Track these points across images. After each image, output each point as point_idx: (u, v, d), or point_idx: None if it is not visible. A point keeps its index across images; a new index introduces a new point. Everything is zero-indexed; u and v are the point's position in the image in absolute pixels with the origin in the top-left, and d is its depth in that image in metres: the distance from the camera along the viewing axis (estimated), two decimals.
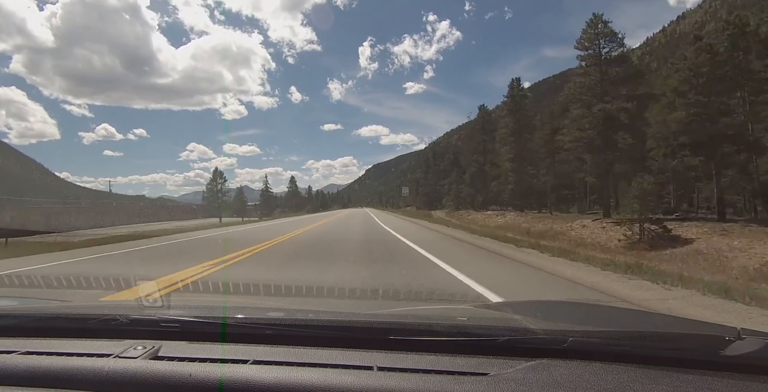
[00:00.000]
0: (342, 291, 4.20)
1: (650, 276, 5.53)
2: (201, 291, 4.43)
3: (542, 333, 1.09)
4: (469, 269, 6.35)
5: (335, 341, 1.14)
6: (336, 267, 6.81)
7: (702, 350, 1.04)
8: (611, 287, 5.17)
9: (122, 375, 0.98)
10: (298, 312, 1.53)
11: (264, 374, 0.96)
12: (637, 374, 0.93)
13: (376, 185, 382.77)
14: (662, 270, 6.06)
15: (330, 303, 3.48)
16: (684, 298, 4.47)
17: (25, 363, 1.05)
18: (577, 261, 7.20)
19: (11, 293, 5.01)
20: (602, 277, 5.81)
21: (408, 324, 1.21)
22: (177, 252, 10.26)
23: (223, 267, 6.94)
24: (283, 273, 6.35)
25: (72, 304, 1.87)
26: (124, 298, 3.31)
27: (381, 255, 8.91)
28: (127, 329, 1.24)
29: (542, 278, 6.05)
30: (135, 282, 1.47)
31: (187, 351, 1.09)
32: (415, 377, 0.94)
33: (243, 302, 2.66)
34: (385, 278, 5.79)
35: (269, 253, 9.25)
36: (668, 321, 1.52)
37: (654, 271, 5.88)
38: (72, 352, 1.11)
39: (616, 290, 5.00)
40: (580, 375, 0.93)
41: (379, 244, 11.19)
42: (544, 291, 5.15)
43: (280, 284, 4.33)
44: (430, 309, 2.08)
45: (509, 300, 4.27)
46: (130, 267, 7.78)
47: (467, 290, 4.90)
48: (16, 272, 6.53)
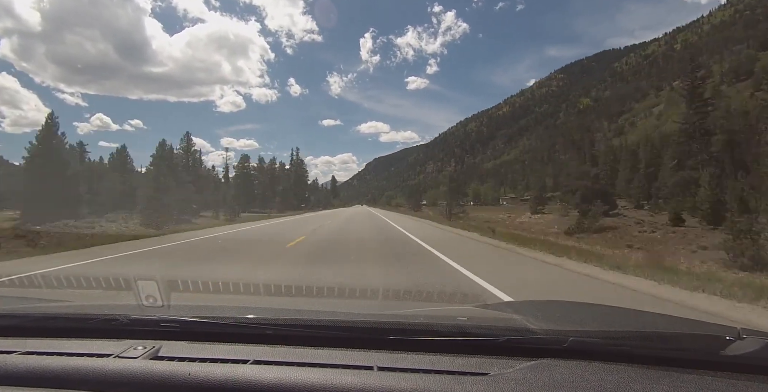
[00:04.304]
0: (342, 291, 4.21)
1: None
2: (201, 290, 4.44)
3: (542, 333, 1.10)
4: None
5: (335, 341, 1.14)
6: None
7: (702, 350, 1.04)
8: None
9: (122, 375, 0.98)
10: (299, 313, 1.53)
11: (264, 374, 0.96)
12: (637, 374, 0.93)
13: (378, 180, 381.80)
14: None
15: (330, 303, 3.48)
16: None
17: (25, 363, 1.05)
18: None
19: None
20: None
21: (408, 324, 1.21)
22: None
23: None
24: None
25: (72, 304, 1.86)
26: (124, 299, 3.31)
27: None
28: (127, 329, 1.23)
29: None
30: (135, 282, 1.46)
31: (188, 351, 1.09)
32: (415, 377, 0.94)
33: (243, 302, 2.67)
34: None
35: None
36: (668, 321, 1.52)
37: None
38: (72, 352, 1.11)
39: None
40: (580, 375, 0.93)
41: None
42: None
43: (280, 284, 4.33)
44: (430, 309, 2.08)
45: (509, 300, 4.27)
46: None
47: (468, 290, 4.90)
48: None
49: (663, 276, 5.67)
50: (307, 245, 10.75)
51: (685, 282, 5.29)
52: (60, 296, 4.24)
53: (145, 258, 8.84)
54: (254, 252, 9.99)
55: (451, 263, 7.28)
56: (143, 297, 1.41)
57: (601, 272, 6.43)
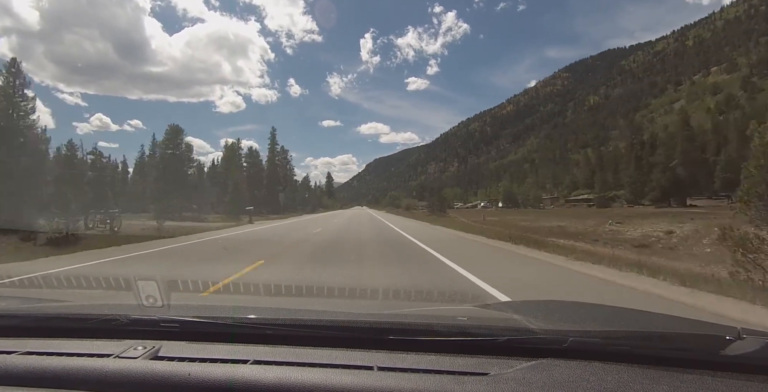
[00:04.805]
0: (342, 291, 4.20)
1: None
2: (201, 290, 4.43)
3: (542, 333, 1.09)
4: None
5: (335, 341, 1.14)
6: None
7: (702, 350, 1.04)
8: None
9: (122, 375, 0.98)
10: (299, 312, 1.53)
11: (264, 374, 0.96)
12: (637, 374, 0.93)
13: (378, 181, 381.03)
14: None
15: (330, 303, 3.47)
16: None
17: (25, 363, 1.05)
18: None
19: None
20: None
21: (408, 324, 1.21)
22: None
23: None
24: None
25: (72, 304, 1.86)
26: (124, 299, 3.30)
27: None
28: (128, 329, 1.23)
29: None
30: (135, 282, 1.45)
31: (188, 352, 1.09)
32: (415, 377, 0.94)
33: (243, 302, 2.66)
34: None
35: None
36: (668, 321, 1.51)
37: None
38: (72, 352, 1.11)
39: None
40: (580, 375, 0.93)
41: None
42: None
43: (280, 284, 4.33)
44: (430, 309, 2.07)
45: (509, 300, 4.27)
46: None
47: (468, 290, 4.90)
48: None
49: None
50: None
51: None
52: (61, 296, 4.25)
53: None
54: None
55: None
56: (143, 297, 1.40)
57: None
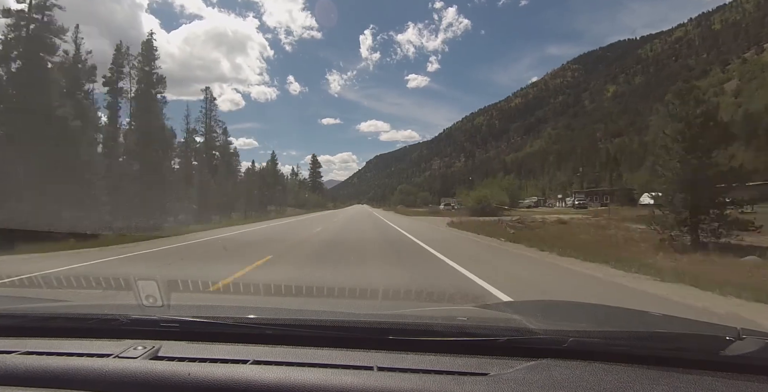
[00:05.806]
0: (342, 291, 4.20)
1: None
2: (201, 290, 4.44)
3: (542, 333, 1.09)
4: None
5: (335, 341, 1.13)
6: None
7: (702, 350, 1.04)
8: None
9: (122, 375, 0.98)
10: (298, 312, 1.53)
11: (264, 374, 0.96)
12: (637, 374, 0.93)
13: (379, 178, 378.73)
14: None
15: (330, 303, 3.48)
16: None
17: (25, 363, 1.05)
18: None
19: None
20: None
21: (408, 324, 1.21)
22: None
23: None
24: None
25: (72, 304, 1.86)
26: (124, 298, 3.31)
27: None
28: (127, 329, 1.23)
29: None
30: (135, 282, 1.45)
31: (187, 351, 1.09)
32: (415, 377, 0.94)
33: (243, 302, 2.66)
34: None
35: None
36: (668, 321, 1.51)
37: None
38: (72, 352, 1.11)
39: None
40: (580, 375, 0.93)
41: None
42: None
43: (279, 284, 4.33)
44: (430, 309, 2.07)
45: (510, 300, 4.27)
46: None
47: (468, 290, 4.90)
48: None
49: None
50: None
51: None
52: (61, 296, 4.26)
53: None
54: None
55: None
56: (143, 297, 1.41)
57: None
